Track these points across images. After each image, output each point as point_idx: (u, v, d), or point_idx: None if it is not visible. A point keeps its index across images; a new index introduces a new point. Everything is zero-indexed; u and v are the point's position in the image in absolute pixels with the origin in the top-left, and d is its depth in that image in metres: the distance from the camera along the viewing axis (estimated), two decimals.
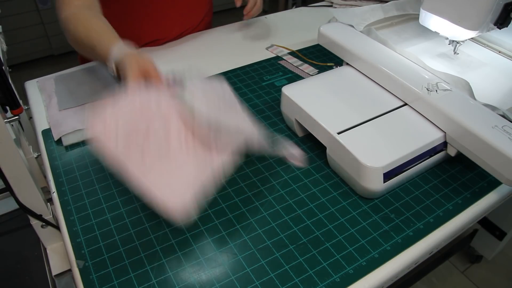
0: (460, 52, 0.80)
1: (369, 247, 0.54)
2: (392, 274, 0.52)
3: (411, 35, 0.87)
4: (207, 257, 0.54)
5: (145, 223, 0.58)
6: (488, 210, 0.62)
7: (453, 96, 0.62)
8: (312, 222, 0.58)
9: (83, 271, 0.52)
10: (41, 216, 0.61)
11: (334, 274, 0.51)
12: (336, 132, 0.61)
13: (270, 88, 0.84)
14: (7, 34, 0.82)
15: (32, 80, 0.87)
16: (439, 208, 0.60)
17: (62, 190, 0.63)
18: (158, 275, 0.52)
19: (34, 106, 0.80)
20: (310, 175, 0.65)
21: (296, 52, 0.96)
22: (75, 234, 0.56)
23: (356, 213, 0.59)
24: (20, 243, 0.70)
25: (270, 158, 0.68)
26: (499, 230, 1.19)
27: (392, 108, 0.66)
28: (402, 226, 0.57)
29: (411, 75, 0.67)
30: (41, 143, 0.72)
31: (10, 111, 0.56)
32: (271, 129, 0.74)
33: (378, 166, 0.57)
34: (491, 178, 0.64)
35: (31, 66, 2.31)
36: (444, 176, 0.64)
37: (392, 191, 0.62)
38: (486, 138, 0.55)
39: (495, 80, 0.75)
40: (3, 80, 0.52)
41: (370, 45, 0.74)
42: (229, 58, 0.94)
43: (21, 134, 0.71)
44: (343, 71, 0.75)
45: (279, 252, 0.54)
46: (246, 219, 0.58)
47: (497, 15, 0.65)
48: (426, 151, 0.61)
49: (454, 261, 1.39)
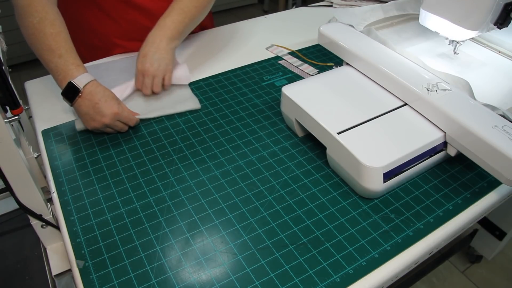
0: (460, 52, 0.80)
1: (369, 247, 0.54)
2: (392, 274, 0.52)
3: (411, 35, 0.87)
4: (207, 257, 0.54)
5: (145, 223, 0.58)
6: (488, 210, 0.62)
7: (453, 96, 0.62)
8: (312, 222, 0.58)
9: (83, 271, 0.52)
10: (41, 216, 0.61)
11: (334, 274, 0.51)
12: (336, 132, 0.61)
13: (270, 88, 0.84)
14: (7, 34, 0.82)
15: (32, 80, 0.87)
16: (439, 208, 0.60)
17: (62, 190, 0.63)
18: (158, 275, 0.52)
19: (34, 106, 0.80)
20: (310, 175, 0.65)
21: (296, 52, 0.96)
22: (75, 234, 0.56)
23: (356, 213, 0.59)
24: (20, 243, 0.70)
25: (270, 158, 0.68)
26: (499, 230, 1.19)
27: (392, 108, 0.66)
28: (402, 226, 0.57)
29: (411, 75, 0.67)
30: (41, 143, 0.72)
31: (10, 111, 0.56)
32: (271, 129, 0.74)
33: (378, 166, 0.57)
34: (491, 178, 0.64)
35: (31, 66, 2.31)
36: (444, 176, 0.64)
37: (392, 191, 0.62)
38: (486, 138, 0.55)
39: (495, 80, 0.75)
40: (3, 80, 0.52)
41: (370, 45, 0.74)
42: (229, 58, 0.94)
43: (21, 134, 0.71)
44: (343, 71, 0.75)
45: (279, 252, 0.54)
46: (246, 219, 0.58)
47: (497, 15, 0.65)
48: (426, 151, 0.61)
49: (454, 261, 1.39)
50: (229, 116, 0.77)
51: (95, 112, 0.68)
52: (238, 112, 0.78)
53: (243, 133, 0.73)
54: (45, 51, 0.68)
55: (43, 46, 0.68)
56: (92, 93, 0.68)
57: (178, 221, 0.58)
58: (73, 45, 0.71)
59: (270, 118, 0.76)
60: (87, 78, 0.68)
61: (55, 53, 0.68)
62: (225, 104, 0.80)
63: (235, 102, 0.80)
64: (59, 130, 0.74)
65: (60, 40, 0.69)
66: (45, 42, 0.68)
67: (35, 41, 0.69)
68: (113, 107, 0.68)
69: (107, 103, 0.68)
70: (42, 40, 0.68)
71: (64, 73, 0.68)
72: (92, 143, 0.71)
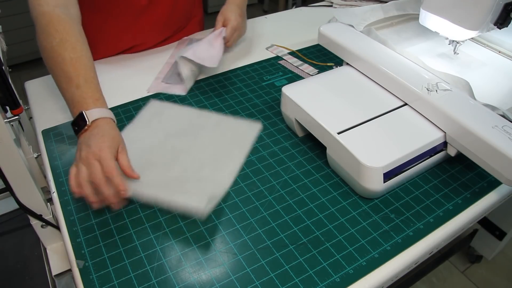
0: (460, 52, 0.80)
1: (369, 247, 0.54)
2: (392, 274, 0.53)
3: (411, 35, 0.87)
4: (207, 257, 0.54)
5: (145, 223, 0.58)
6: (488, 210, 0.62)
7: (453, 96, 0.62)
8: (312, 222, 0.58)
9: (83, 271, 0.52)
10: (41, 216, 0.61)
11: (334, 274, 0.51)
12: (336, 132, 0.61)
13: (270, 88, 0.84)
14: (7, 34, 0.82)
15: (32, 80, 0.87)
16: (439, 208, 0.60)
17: (62, 190, 0.63)
18: (158, 275, 0.52)
19: (34, 106, 0.80)
20: (310, 175, 0.65)
21: (296, 52, 0.96)
22: (75, 234, 0.56)
23: (356, 213, 0.59)
24: (20, 243, 0.70)
25: (270, 158, 0.68)
26: (499, 230, 1.19)
27: (392, 108, 0.66)
28: (402, 226, 0.57)
29: (411, 75, 0.67)
30: (41, 143, 0.72)
31: (10, 111, 0.56)
32: (271, 129, 0.74)
33: (378, 166, 0.57)
34: (491, 178, 0.64)
35: (31, 66, 2.31)
36: (444, 176, 0.64)
37: (392, 191, 0.62)
38: (486, 138, 0.55)
39: (495, 80, 0.75)
40: (3, 80, 0.52)
41: (370, 45, 0.74)
42: (229, 58, 0.94)
43: (21, 134, 0.71)
44: (343, 71, 0.75)
45: (279, 252, 0.54)
46: (246, 219, 0.58)
47: (497, 15, 0.65)
48: (426, 151, 0.61)
49: (454, 261, 1.39)
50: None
51: (85, 142, 0.57)
52: (238, 112, 0.78)
53: None
54: (63, 78, 0.62)
55: (61, 73, 0.62)
56: (97, 127, 0.58)
57: (178, 221, 0.58)
58: (94, 72, 0.64)
59: (270, 118, 0.77)
60: (101, 113, 0.60)
61: (72, 82, 0.61)
62: (225, 104, 0.80)
63: (235, 102, 0.80)
64: (59, 130, 0.74)
65: (80, 67, 0.62)
66: (64, 69, 0.62)
67: (53, 66, 0.63)
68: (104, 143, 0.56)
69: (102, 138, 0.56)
70: (60, 66, 0.62)
71: (79, 105, 0.60)
72: None
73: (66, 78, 0.62)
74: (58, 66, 0.62)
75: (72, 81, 0.61)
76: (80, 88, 0.61)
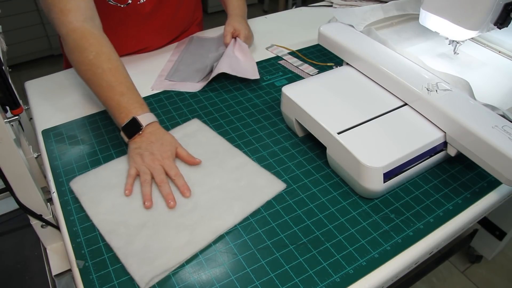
0: (460, 52, 0.80)
1: (369, 247, 0.54)
2: (392, 274, 0.52)
3: (411, 35, 0.87)
4: (207, 257, 0.54)
5: None
6: (488, 210, 0.62)
7: (453, 96, 0.62)
8: (312, 222, 0.58)
9: (83, 271, 0.52)
10: (41, 216, 0.61)
11: (334, 274, 0.51)
12: (336, 132, 0.61)
13: (270, 88, 0.84)
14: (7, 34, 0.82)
15: (32, 80, 0.87)
16: (439, 208, 0.60)
17: (62, 190, 0.63)
18: None
19: (34, 106, 0.80)
20: (310, 175, 0.65)
21: (296, 52, 0.96)
22: (75, 234, 0.56)
23: (356, 213, 0.59)
24: (20, 243, 0.70)
25: (270, 158, 0.68)
26: (499, 230, 1.19)
27: (392, 108, 0.66)
28: (402, 226, 0.57)
29: (411, 75, 0.67)
30: (41, 143, 0.72)
31: (10, 111, 0.56)
32: (271, 129, 0.74)
33: (378, 166, 0.57)
34: (491, 178, 0.64)
35: (31, 66, 2.31)
36: (444, 176, 0.64)
37: (392, 191, 0.62)
38: (486, 138, 0.55)
39: (495, 80, 0.75)
40: (3, 80, 0.52)
41: (370, 45, 0.74)
42: None
43: (21, 134, 0.71)
44: (343, 71, 0.75)
45: (279, 252, 0.54)
46: (246, 219, 0.58)
47: (497, 15, 0.65)
48: (426, 151, 0.61)
49: (454, 261, 1.39)
50: (229, 116, 0.77)
51: (146, 149, 0.63)
52: (238, 112, 0.78)
53: (243, 133, 0.73)
54: (105, 87, 0.66)
55: (103, 83, 0.66)
56: (152, 133, 0.65)
57: None
58: (131, 79, 0.69)
59: (270, 118, 0.77)
60: (150, 118, 0.66)
61: (116, 90, 0.66)
62: (225, 104, 0.80)
63: (235, 102, 0.80)
64: (59, 130, 0.74)
65: (120, 76, 0.67)
66: (105, 79, 0.66)
67: (92, 77, 0.67)
68: (166, 152, 0.64)
69: (163, 146, 0.64)
70: (101, 77, 0.66)
71: (128, 111, 0.65)
72: (92, 143, 0.71)
73: (108, 87, 0.66)
74: (98, 77, 0.67)
75: (115, 89, 0.66)
76: (125, 95, 0.66)
